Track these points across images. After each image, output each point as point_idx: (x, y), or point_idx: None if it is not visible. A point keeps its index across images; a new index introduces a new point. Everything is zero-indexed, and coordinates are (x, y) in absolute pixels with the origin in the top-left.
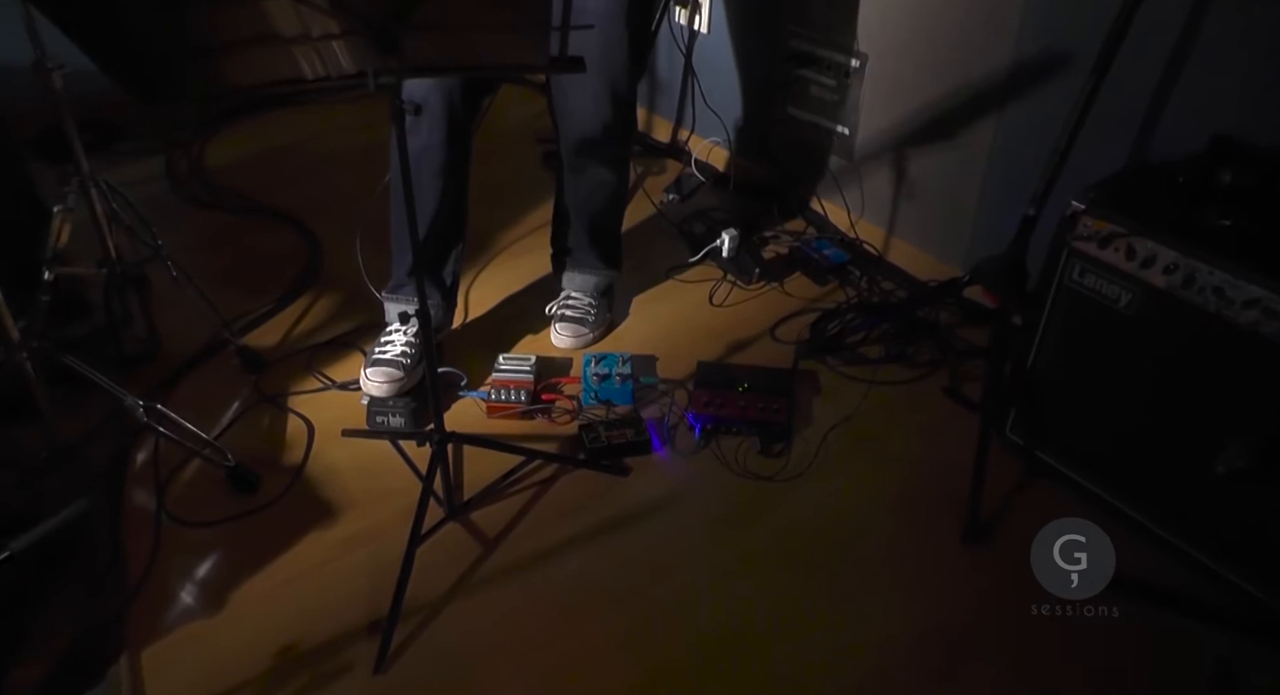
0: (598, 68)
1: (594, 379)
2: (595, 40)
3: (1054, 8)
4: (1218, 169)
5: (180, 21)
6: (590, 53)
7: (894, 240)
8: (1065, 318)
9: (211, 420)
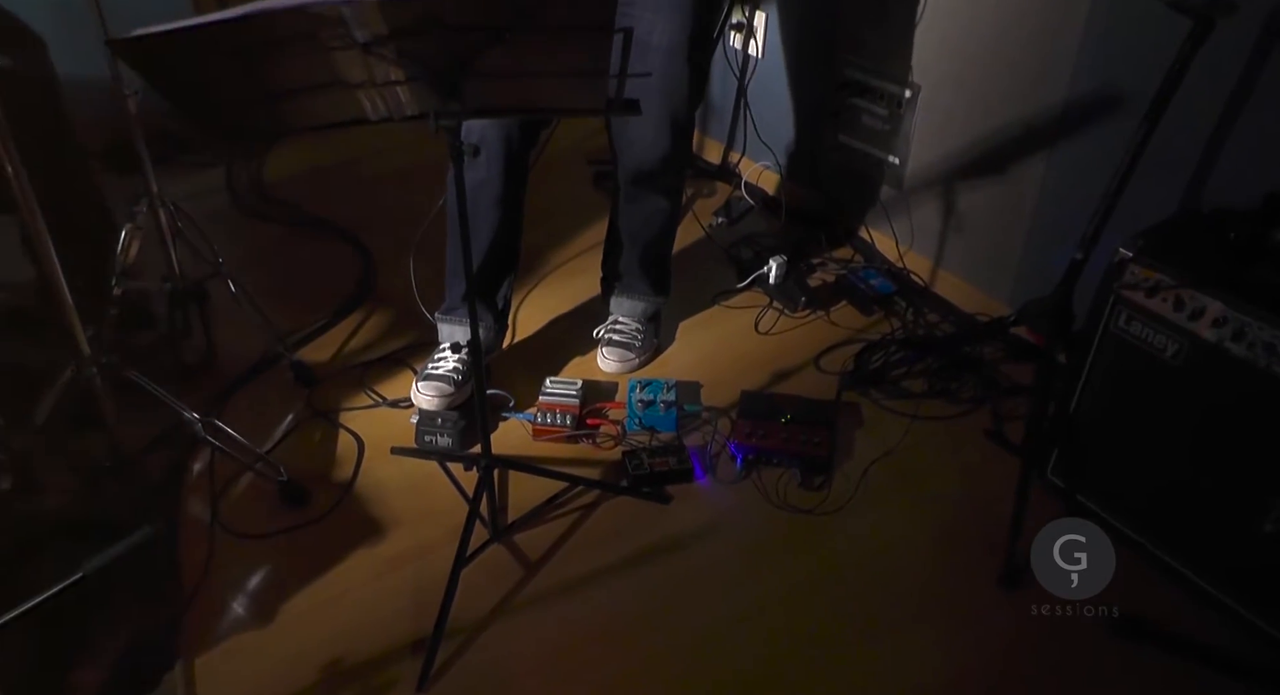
0: (659, 99)
1: (639, 405)
2: (657, 72)
3: (1110, 48)
4: (1271, 228)
5: (256, 74)
6: (651, 85)
7: (941, 272)
8: (1110, 363)
9: (265, 433)
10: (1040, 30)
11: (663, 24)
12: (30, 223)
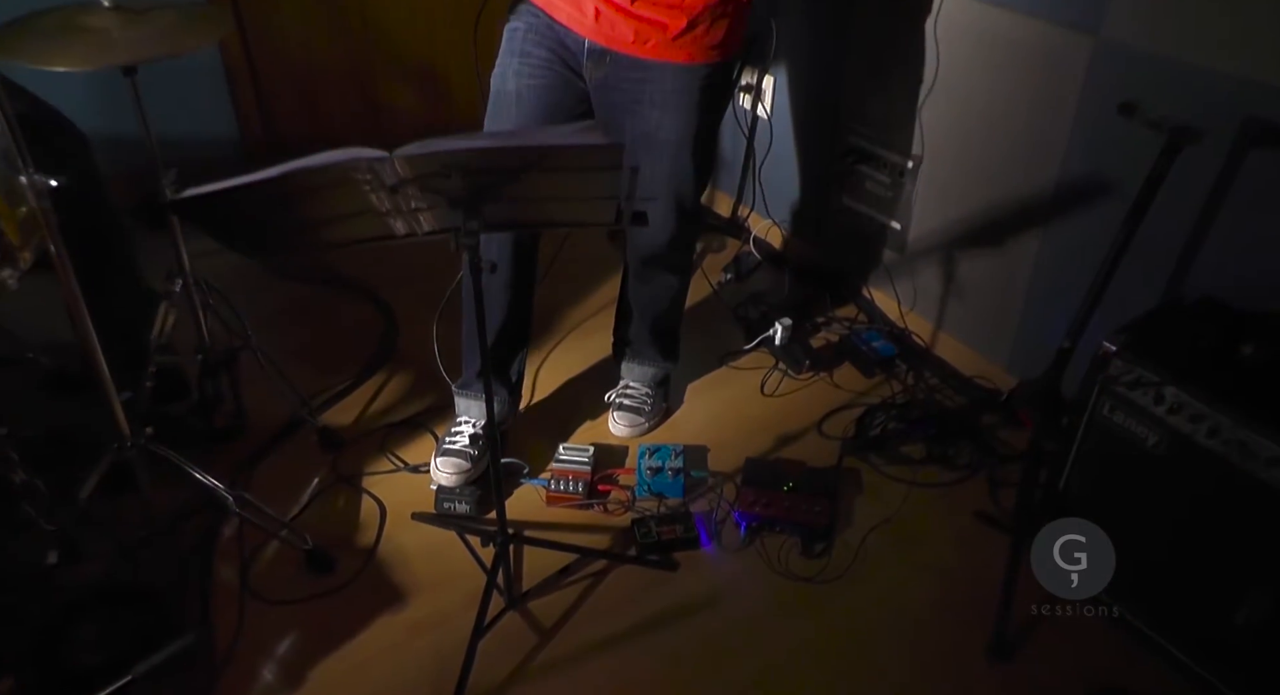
0: (666, 189)
1: (648, 472)
2: (665, 164)
3: (1098, 138)
4: (1238, 341)
5: (294, 212)
6: (659, 176)
7: (941, 334)
8: (1097, 447)
9: (292, 497)
10: (1032, 116)
11: (669, 121)
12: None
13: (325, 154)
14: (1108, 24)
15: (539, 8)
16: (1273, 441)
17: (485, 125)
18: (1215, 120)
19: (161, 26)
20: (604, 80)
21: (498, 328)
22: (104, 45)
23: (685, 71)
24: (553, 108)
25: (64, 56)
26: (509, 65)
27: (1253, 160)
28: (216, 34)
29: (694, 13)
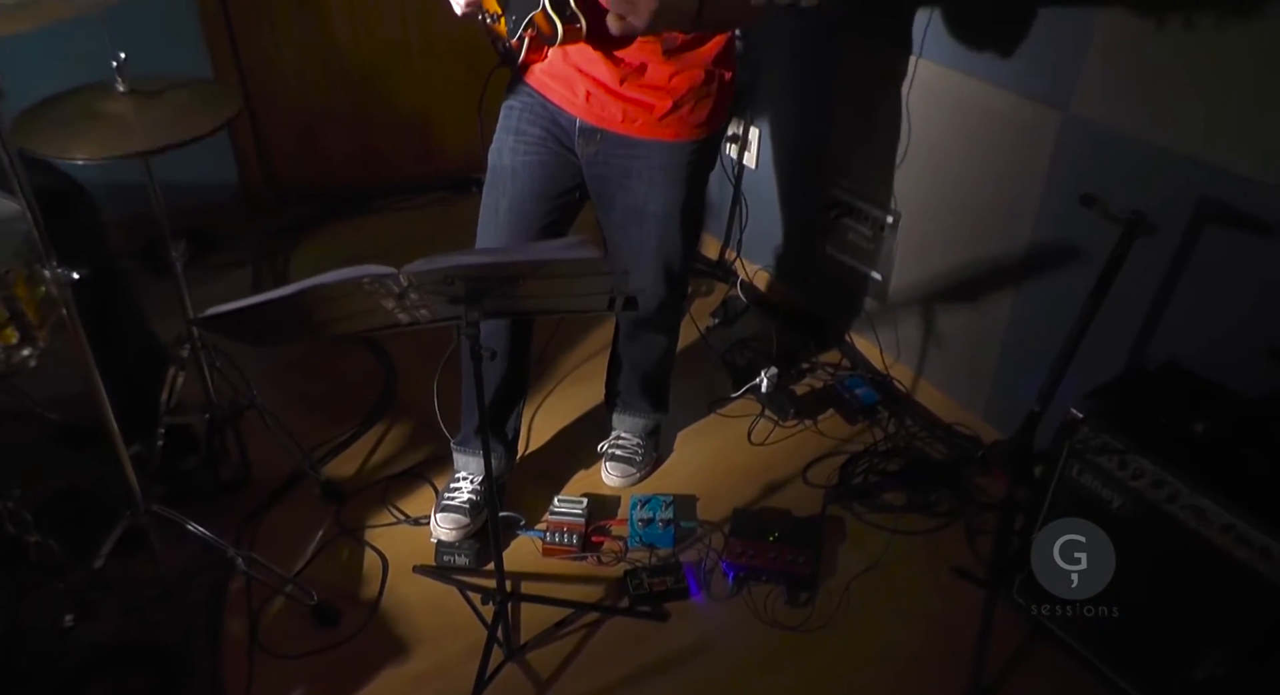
0: (655, 257)
1: (639, 523)
2: (654, 235)
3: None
4: (1192, 418)
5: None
6: (648, 246)
7: (922, 382)
8: (1065, 506)
9: (297, 550)
10: (1005, 183)
11: (657, 195)
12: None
13: (337, 272)
14: (1075, 101)
15: (534, 89)
16: (1224, 510)
17: (484, 197)
18: (1173, 198)
19: (175, 110)
20: (595, 156)
21: (495, 390)
22: (122, 133)
23: (672, 148)
24: (546, 181)
25: (85, 146)
26: (505, 142)
27: (1207, 237)
28: (227, 114)
29: (679, 94)
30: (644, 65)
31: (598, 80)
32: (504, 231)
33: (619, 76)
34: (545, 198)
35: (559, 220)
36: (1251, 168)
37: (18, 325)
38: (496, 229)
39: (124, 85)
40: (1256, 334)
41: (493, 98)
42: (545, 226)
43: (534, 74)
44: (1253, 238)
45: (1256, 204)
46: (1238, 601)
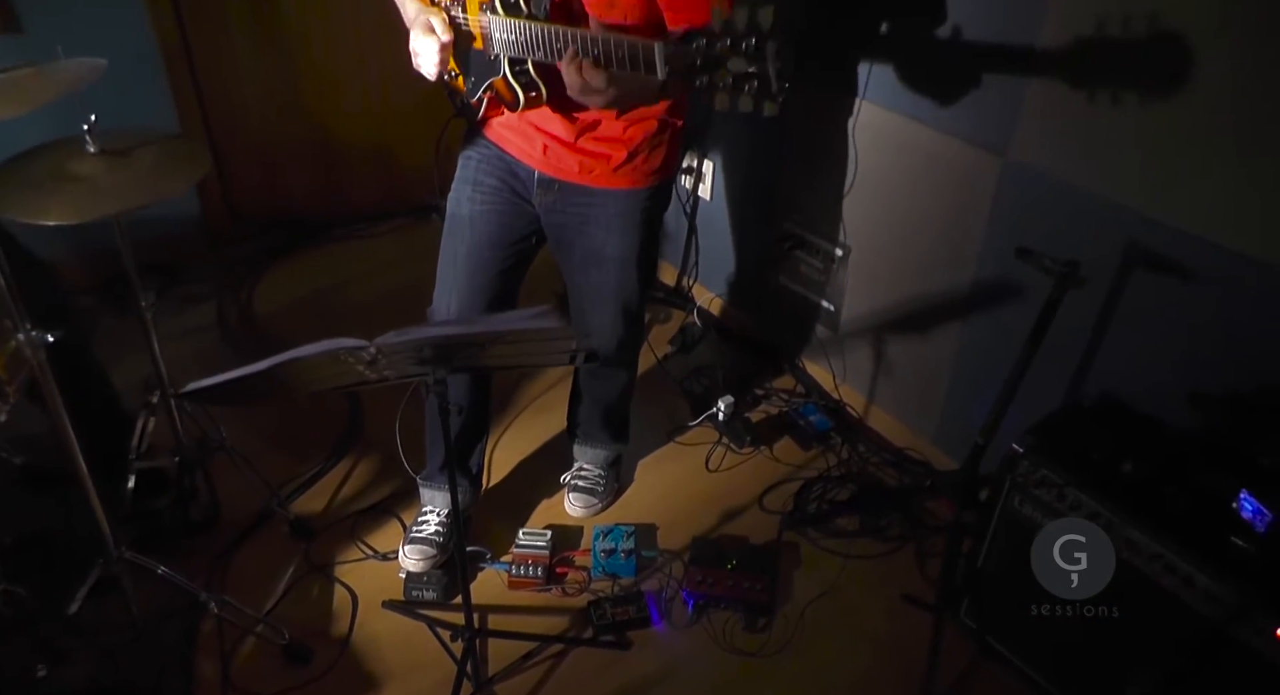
0: (612, 299)
1: (602, 554)
2: (612, 278)
3: (1008, 250)
4: (1122, 456)
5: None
6: (606, 289)
7: (873, 407)
8: (1008, 534)
9: (267, 588)
10: (948, 222)
11: (614, 240)
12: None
13: (312, 346)
14: (1013, 148)
15: (491, 141)
16: (1152, 541)
17: (442, 244)
18: (1105, 243)
19: (144, 169)
20: (553, 205)
21: (457, 433)
22: (93, 196)
23: (628, 196)
24: (503, 229)
25: (56, 210)
26: (463, 192)
27: (1136, 280)
28: (196, 175)
29: (633, 144)
30: (598, 121)
31: (554, 135)
32: (462, 278)
33: (575, 132)
34: (502, 245)
35: (516, 265)
36: (1177, 218)
37: None
38: (455, 275)
39: (94, 146)
40: (1183, 373)
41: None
42: (502, 272)
43: (492, 127)
44: (1177, 283)
45: (1181, 252)
46: (1165, 626)
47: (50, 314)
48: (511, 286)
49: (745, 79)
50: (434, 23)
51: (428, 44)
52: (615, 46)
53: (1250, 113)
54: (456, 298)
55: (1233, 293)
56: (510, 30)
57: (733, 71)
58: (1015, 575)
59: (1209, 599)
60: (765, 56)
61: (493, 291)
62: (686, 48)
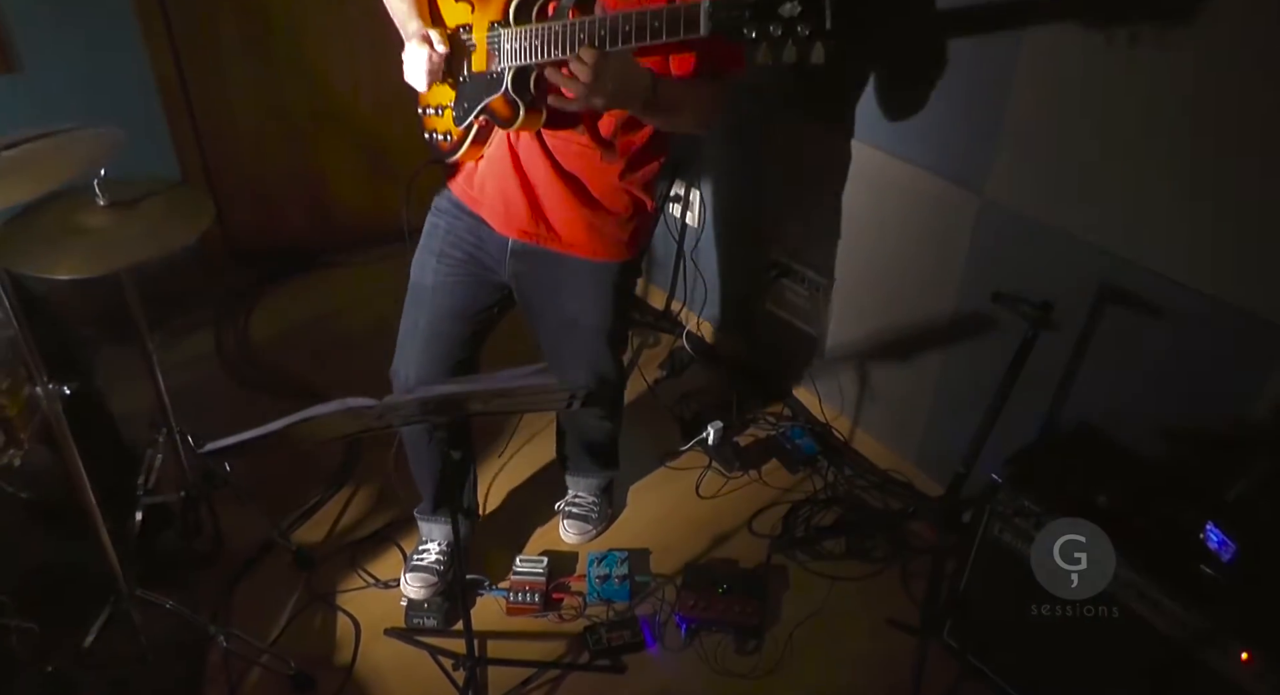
0: (587, 364)
1: (597, 580)
2: (586, 345)
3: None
4: (1095, 488)
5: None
6: (581, 354)
7: (859, 431)
8: (988, 558)
9: (271, 617)
10: (930, 255)
11: (587, 308)
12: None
13: (325, 406)
14: (989, 186)
15: (462, 202)
16: (1125, 567)
17: (404, 311)
18: (1077, 280)
19: (152, 221)
20: (526, 273)
21: (438, 475)
22: (103, 249)
23: (601, 267)
24: (466, 301)
25: (67, 264)
26: (428, 263)
27: (1108, 315)
28: (202, 225)
29: (609, 217)
30: (581, 183)
31: (532, 196)
32: (421, 349)
33: (554, 194)
34: (464, 317)
35: (477, 334)
36: (1146, 259)
37: (3, 429)
38: (414, 345)
39: (104, 198)
40: (1154, 404)
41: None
42: (463, 342)
43: (469, 181)
44: (1147, 320)
45: (1150, 291)
46: (1136, 649)
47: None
48: (472, 354)
49: (796, 22)
50: (432, 35)
51: (420, 54)
52: (652, 16)
53: (1214, 159)
54: (416, 368)
55: (1199, 331)
56: (523, 37)
57: (784, 16)
58: (996, 598)
59: (1178, 624)
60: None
61: (453, 360)
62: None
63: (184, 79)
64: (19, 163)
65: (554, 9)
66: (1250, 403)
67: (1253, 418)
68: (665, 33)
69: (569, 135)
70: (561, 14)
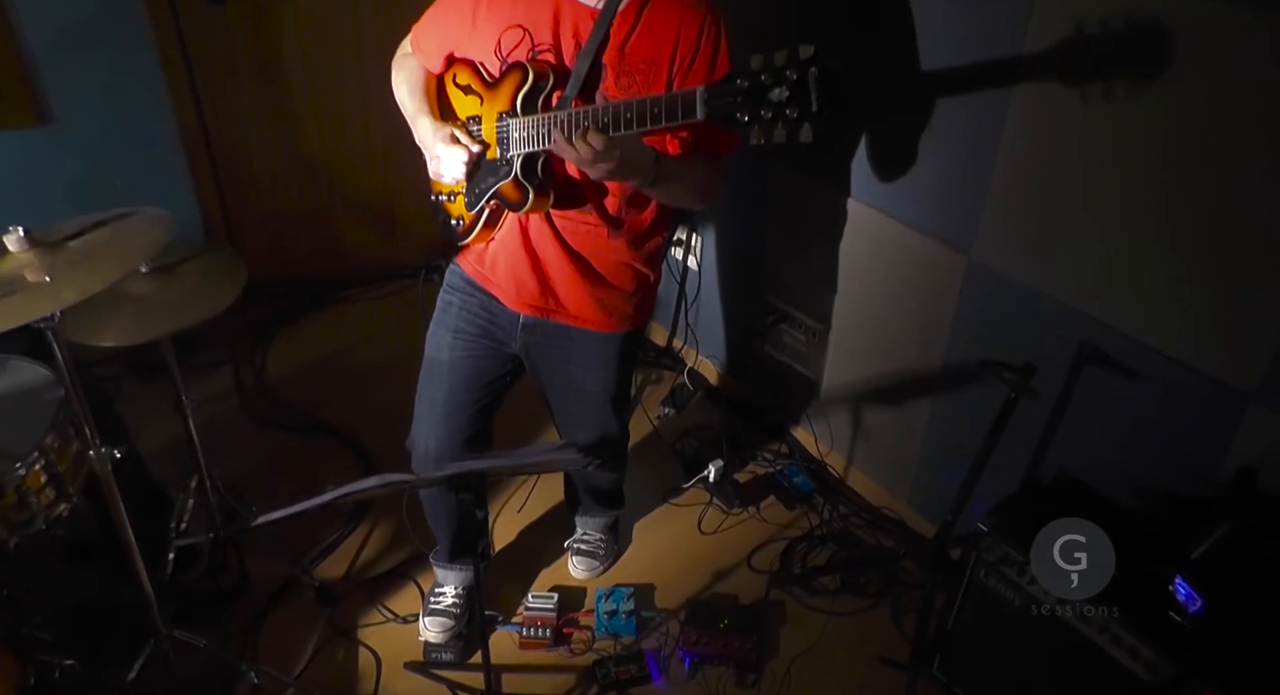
0: (595, 424)
1: (605, 615)
2: (591, 408)
3: (973, 341)
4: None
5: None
6: (589, 419)
7: (853, 469)
8: (975, 601)
9: (295, 651)
10: (920, 309)
11: (594, 376)
12: None
13: (368, 481)
14: (977, 247)
15: (474, 280)
16: (1102, 613)
17: (420, 383)
18: (1059, 341)
19: (190, 287)
20: (535, 344)
21: (459, 524)
22: (146, 316)
23: (607, 338)
24: (480, 373)
25: (112, 332)
26: (444, 338)
27: (1087, 374)
28: (236, 290)
29: (615, 291)
30: (587, 261)
31: (542, 274)
32: (440, 421)
33: (563, 272)
34: (478, 388)
35: (491, 403)
36: (1124, 324)
37: (55, 486)
38: (433, 417)
39: (147, 265)
40: (1130, 457)
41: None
42: (478, 412)
43: (479, 259)
44: (1124, 381)
45: (1127, 354)
46: (1112, 688)
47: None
48: (487, 422)
49: (785, 106)
50: (459, 135)
51: (455, 153)
52: (651, 103)
53: (1190, 232)
54: (434, 440)
55: (1171, 394)
56: (531, 126)
57: (774, 101)
58: (983, 636)
59: (1149, 667)
60: (807, 82)
61: (470, 430)
62: (729, 85)
63: (205, 126)
64: (84, 254)
65: (558, 99)
66: (1216, 464)
67: (1219, 478)
68: (665, 118)
69: (577, 215)
70: (565, 104)
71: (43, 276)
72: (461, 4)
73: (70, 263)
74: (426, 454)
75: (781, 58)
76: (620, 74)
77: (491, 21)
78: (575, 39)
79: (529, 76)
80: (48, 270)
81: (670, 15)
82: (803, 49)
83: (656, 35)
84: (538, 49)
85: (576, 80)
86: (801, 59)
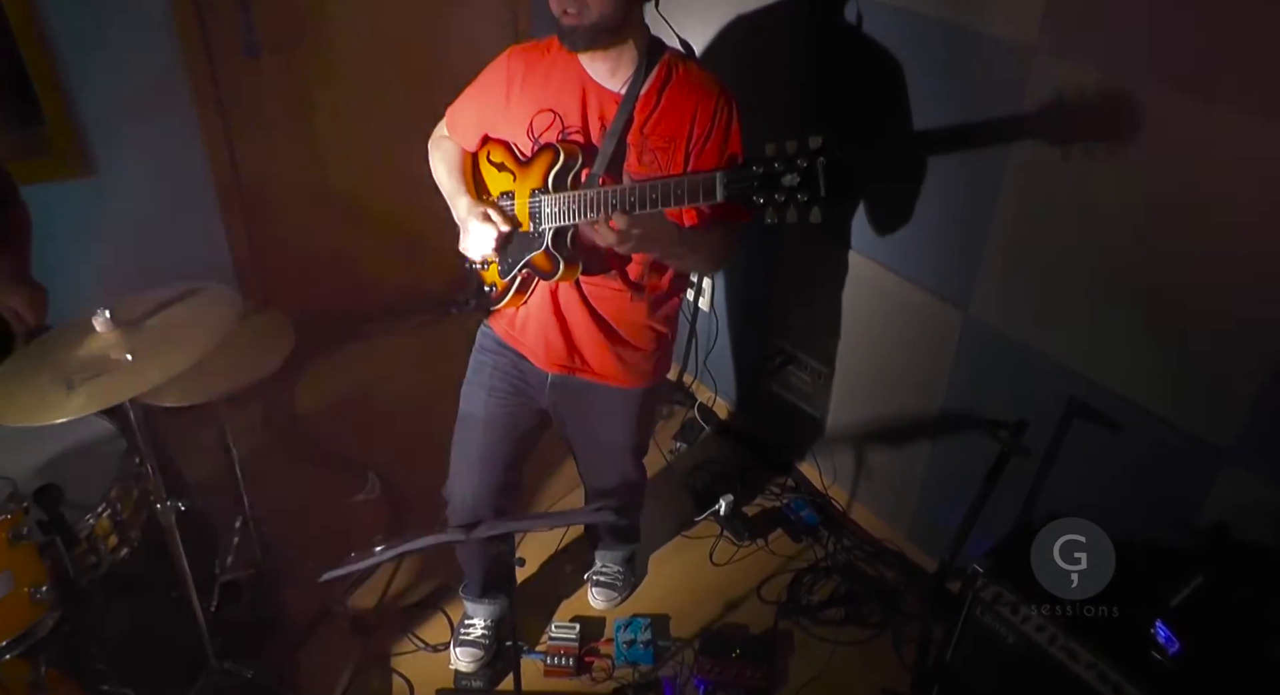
0: (614, 474)
1: (624, 645)
2: (613, 457)
3: (969, 391)
4: None
5: None
6: (610, 466)
7: (856, 504)
8: (971, 637)
9: (331, 681)
10: (920, 358)
11: (616, 428)
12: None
13: (423, 539)
14: (973, 304)
15: (505, 341)
16: (1089, 652)
17: (455, 437)
18: (1050, 394)
19: (242, 348)
20: (563, 401)
21: (486, 583)
22: (203, 378)
23: (628, 394)
24: (513, 429)
25: (172, 394)
26: (478, 396)
27: (1076, 426)
28: (285, 349)
29: (636, 351)
30: (611, 325)
31: (569, 336)
32: (475, 474)
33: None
34: (511, 441)
35: (522, 454)
36: (1111, 381)
37: (119, 531)
38: (469, 472)
39: None
40: (1113, 507)
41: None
42: (510, 464)
43: (506, 331)
44: (1110, 435)
45: (1114, 410)
46: None
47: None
48: (519, 473)
49: (796, 191)
50: (492, 214)
51: (486, 232)
52: (675, 184)
53: (1174, 297)
54: (471, 493)
55: (1152, 447)
56: (562, 202)
57: (786, 186)
58: (979, 668)
59: None
60: (816, 170)
61: (504, 480)
62: (746, 171)
63: (237, 169)
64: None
65: (586, 176)
66: (1194, 514)
67: (1196, 528)
68: (686, 199)
69: (603, 281)
70: (593, 182)
71: (125, 356)
72: (496, 88)
73: (150, 343)
74: (464, 503)
75: (793, 147)
76: (643, 152)
77: (524, 105)
78: (601, 121)
79: (560, 157)
80: (129, 349)
81: (688, 96)
82: (812, 140)
83: (675, 115)
84: (567, 131)
85: (603, 158)
86: (811, 149)
